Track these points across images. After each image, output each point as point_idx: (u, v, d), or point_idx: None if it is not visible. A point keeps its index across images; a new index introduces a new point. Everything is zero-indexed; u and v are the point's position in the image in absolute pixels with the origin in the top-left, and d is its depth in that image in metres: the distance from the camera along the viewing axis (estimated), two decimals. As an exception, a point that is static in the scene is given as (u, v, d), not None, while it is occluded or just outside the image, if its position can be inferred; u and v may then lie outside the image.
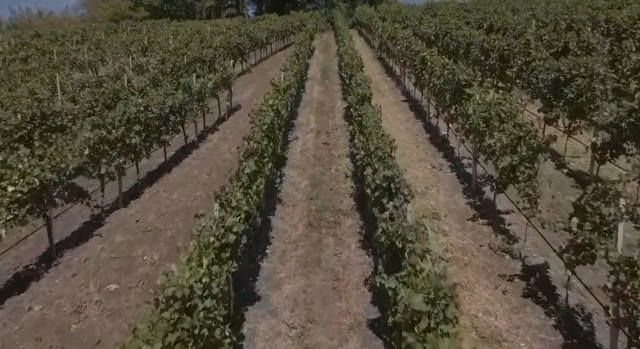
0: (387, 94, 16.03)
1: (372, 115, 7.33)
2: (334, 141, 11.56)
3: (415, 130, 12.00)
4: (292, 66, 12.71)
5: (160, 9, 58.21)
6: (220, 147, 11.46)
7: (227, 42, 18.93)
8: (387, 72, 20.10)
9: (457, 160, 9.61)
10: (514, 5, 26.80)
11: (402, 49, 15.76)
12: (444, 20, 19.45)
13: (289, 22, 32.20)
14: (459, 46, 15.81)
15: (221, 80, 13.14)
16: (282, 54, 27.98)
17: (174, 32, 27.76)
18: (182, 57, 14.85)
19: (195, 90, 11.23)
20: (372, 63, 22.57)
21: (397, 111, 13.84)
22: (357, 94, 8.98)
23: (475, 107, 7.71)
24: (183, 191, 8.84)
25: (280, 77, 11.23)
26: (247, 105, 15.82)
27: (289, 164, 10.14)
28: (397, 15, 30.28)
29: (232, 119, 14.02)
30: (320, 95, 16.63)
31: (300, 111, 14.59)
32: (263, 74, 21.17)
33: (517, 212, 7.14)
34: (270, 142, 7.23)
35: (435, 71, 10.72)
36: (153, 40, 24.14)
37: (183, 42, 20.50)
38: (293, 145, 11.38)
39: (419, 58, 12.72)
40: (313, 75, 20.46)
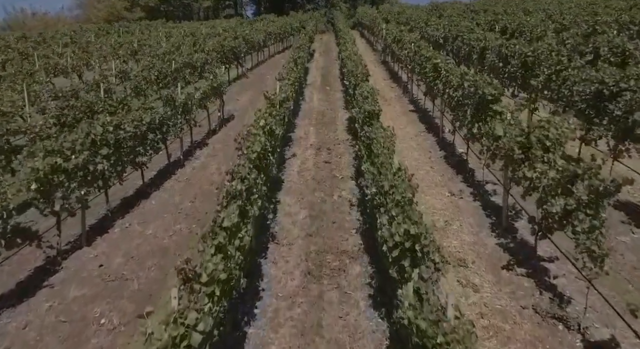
0: (394, 103, 14.74)
1: (384, 140, 6.04)
2: (336, 159, 10.26)
3: (427, 146, 10.70)
4: (289, 74, 11.42)
5: (156, 9, 56.92)
6: (208, 166, 10.17)
7: (221, 46, 17.64)
8: (392, 77, 18.82)
9: (480, 186, 8.31)
10: (524, 6, 25.50)
11: (409, 54, 14.48)
12: (453, 22, 18.16)
13: (288, 23, 30.92)
14: (472, 51, 14.53)
15: (211, 90, 11.85)
16: (280, 57, 26.71)
17: (167, 34, 26.46)
18: (169, 63, 13.55)
19: (180, 102, 9.93)
20: (376, 67, 21.28)
21: (406, 123, 12.54)
22: (363, 111, 7.69)
23: (507, 129, 6.42)
24: (161, 224, 7.54)
25: (275, 88, 9.95)
26: (241, 114, 14.56)
27: (285, 187, 8.84)
28: (401, 16, 28.98)
29: (224, 132, 12.73)
30: (321, 104, 15.34)
31: (298, 122, 13.30)
32: (260, 79, 19.89)
33: (564, 259, 5.85)
34: (261, 172, 5.93)
35: (452, 81, 9.44)
36: (144, 43, 22.85)
37: (174, 46, 19.21)
38: (290, 164, 10.08)
39: (430, 65, 11.43)
40: (313, 81, 19.17)
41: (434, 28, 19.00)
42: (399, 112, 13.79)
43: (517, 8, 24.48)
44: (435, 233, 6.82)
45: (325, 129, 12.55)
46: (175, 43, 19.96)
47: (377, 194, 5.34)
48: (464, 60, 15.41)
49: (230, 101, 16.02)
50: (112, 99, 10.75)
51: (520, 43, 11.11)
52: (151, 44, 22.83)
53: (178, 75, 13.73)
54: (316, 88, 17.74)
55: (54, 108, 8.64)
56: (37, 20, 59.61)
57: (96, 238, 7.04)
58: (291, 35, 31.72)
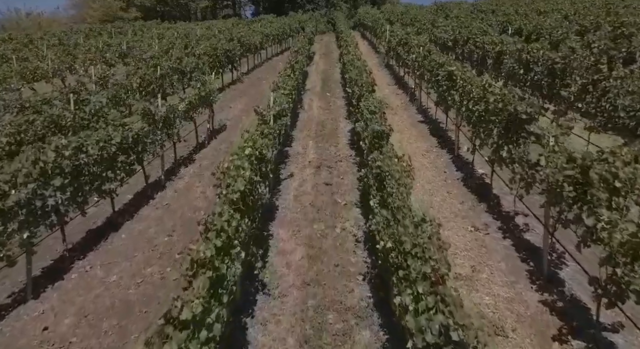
0: (400, 112, 13.50)
1: (400, 176, 4.80)
2: (338, 180, 9.02)
3: (441, 165, 9.45)
4: (285, 82, 10.18)
5: (153, 9, 55.66)
6: (192, 188, 8.92)
7: (214, 49, 16.39)
8: (397, 83, 17.57)
9: (508, 218, 7.06)
10: (534, 6, 24.25)
11: (417, 59, 13.24)
12: (463, 24, 16.90)
13: (287, 24, 29.69)
14: (487, 55, 13.29)
15: (199, 99, 10.61)
16: (279, 59, 25.47)
17: (159, 35, 25.22)
18: (153, 70, 12.31)
19: (161, 116, 8.69)
20: (379, 72, 20.04)
21: (415, 137, 11.29)
22: (371, 131, 6.44)
23: (552, 158, 5.18)
24: (128, 267, 6.29)
25: (269, 99, 8.71)
26: (234, 124, 13.31)
27: (279, 217, 7.60)
28: (405, 16, 27.72)
29: (214, 146, 11.48)
30: (321, 113, 14.09)
31: (296, 134, 12.05)
32: (256, 84, 18.66)
33: (631, 327, 4.60)
34: (245, 217, 4.69)
35: (471, 93, 8.20)
36: (134, 45, 21.62)
37: (164, 48, 17.95)
38: (286, 186, 8.84)
39: (443, 73, 10.19)
40: (312, 86, 17.92)
41: (442, 30, 17.76)
42: (406, 122, 12.54)
43: (528, 8, 23.24)
44: (460, 283, 5.59)
45: (325, 142, 11.30)
46: (165, 46, 18.70)
47: (394, 250, 4.10)
48: (476, 65, 14.18)
49: (222, 109, 14.80)
50: (85, 111, 9.52)
51: (545, 47, 9.87)
52: (141, 46, 21.60)
53: (164, 82, 12.49)
54: (316, 94, 16.49)
55: (9, 124, 7.38)
56: (31, 20, 58.45)
57: (46, 288, 5.79)
58: (290, 37, 30.50)
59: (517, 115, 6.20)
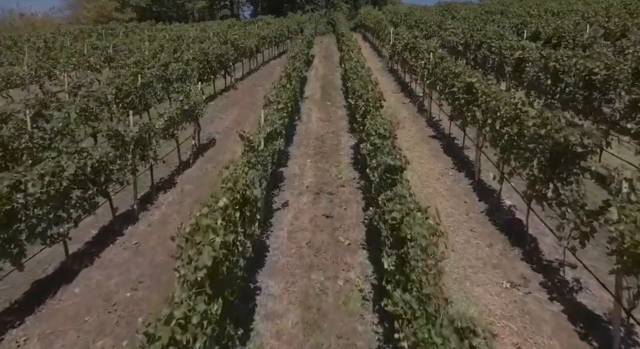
0: (408, 125, 12.18)
1: (428, 242, 3.49)
2: (340, 211, 7.70)
3: (459, 192, 8.14)
4: (280, 95, 8.87)
5: (148, 10, 54.30)
6: (169, 221, 7.61)
7: (204, 54, 15.07)
8: (402, 90, 16.24)
9: (551, 269, 5.75)
10: (546, 6, 22.93)
11: (427, 66, 11.93)
12: (474, 26, 15.58)
13: (285, 25, 28.37)
14: (504, 62, 11.98)
15: (181, 114, 9.30)
16: (276, 63, 24.13)
17: (150, 37, 23.88)
18: (132, 78, 10.98)
19: (132, 136, 7.38)
20: (383, 77, 18.73)
21: (428, 156, 9.97)
22: (383, 164, 5.13)
23: (628, 211, 3.88)
24: (75, 338, 4.98)
25: (259, 118, 7.41)
26: (224, 138, 12.01)
27: (270, 262, 6.28)
28: (409, 18, 26.40)
29: (199, 165, 10.17)
30: (321, 125, 12.77)
31: (293, 151, 10.73)
32: (251, 91, 17.35)
33: None
34: (213, 302, 3.37)
35: (498, 111, 6.89)
36: (121, 48, 20.32)
37: (151, 53, 16.62)
38: (279, 219, 7.52)
39: (460, 84, 8.88)
40: (312, 93, 16.60)
41: (451, 32, 16.44)
42: (416, 137, 11.22)
43: (539, 9, 21.94)
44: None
45: (325, 162, 9.99)
46: (153, 50, 17.36)
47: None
48: (491, 72, 12.87)
49: (212, 120, 13.50)
50: (46, 129, 8.21)
51: (579, 55, 8.57)
52: (130, 49, 20.29)
53: (145, 93, 11.17)
54: (315, 103, 15.17)
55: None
56: (25, 21, 57.10)
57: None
58: (288, 39, 29.20)
59: (569, 147, 4.90)
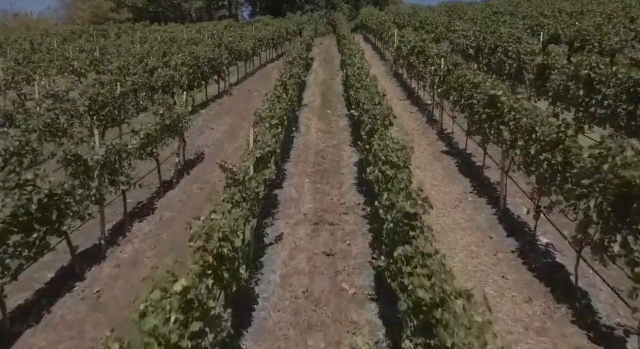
0: (418, 138, 11.02)
1: (467, 334, 2.34)
2: (344, 247, 6.54)
3: (483, 224, 6.97)
4: (273, 108, 7.72)
5: (144, 10, 53.07)
6: (141, 260, 6.46)
7: (194, 58, 13.91)
8: (409, 97, 15.07)
9: (612, 338, 4.58)
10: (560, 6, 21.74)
11: (438, 73, 10.77)
12: (487, 28, 14.41)
13: (283, 27, 27.20)
14: (523, 68, 10.82)
15: (161, 130, 8.15)
16: (274, 66, 22.95)
17: (141, 39, 22.71)
18: (109, 87, 9.81)
19: (97, 160, 6.23)
20: (387, 82, 17.58)
21: (441, 176, 8.81)
22: (397, 209, 3.98)
23: None
24: None
25: (248, 139, 6.25)
26: (214, 152, 10.87)
27: (258, 319, 5.12)
28: (413, 18, 25.22)
29: (184, 186, 9.01)
30: (321, 137, 11.61)
31: (289, 169, 9.57)
32: (246, 97, 16.19)
33: None
34: None
35: (533, 133, 5.75)
36: (108, 51, 19.17)
37: (137, 57, 15.44)
38: (271, 257, 6.36)
39: (481, 96, 7.73)
40: (311, 100, 15.44)
41: (461, 35, 15.27)
42: (426, 153, 10.06)
43: (552, 9, 20.77)
44: None
45: (326, 182, 8.83)
46: (139, 53, 16.17)
47: None
48: (508, 78, 11.72)
49: (203, 131, 12.35)
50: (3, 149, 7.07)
51: (620, 62, 7.42)
52: (119, 52, 19.14)
53: (123, 103, 10.01)
54: (314, 112, 14.01)
55: None
56: (19, 21, 55.90)
57: None
58: (287, 41, 28.03)
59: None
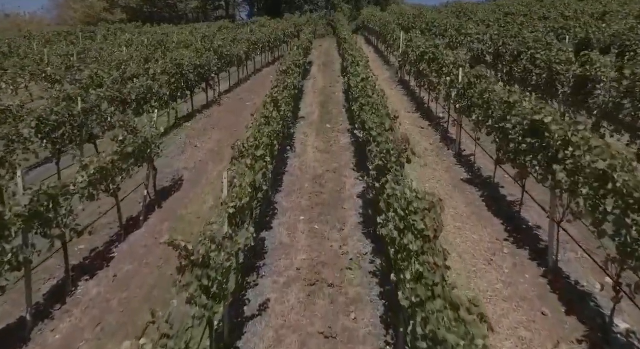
0: (431, 161, 9.44)
1: None
2: (348, 324, 4.97)
3: (529, 292, 5.36)
4: (259, 136, 6.15)
5: (139, 10, 51.46)
6: (75, 340, 4.89)
7: (177, 66, 12.34)
8: (418, 108, 13.49)
9: None
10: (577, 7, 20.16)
11: (456, 85, 9.22)
12: (508, 32, 12.82)
13: (281, 29, 25.63)
14: (556, 79, 9.26)
15: (122, 159, 6.58)
16: (269, 71, 21.32)
17: (128, 42, 21.14)
18: (65, 104, 8.23)
19: (18, 212, 4.67)
20: (392, 90, 16.01)
21: (467, 215, 7.21)
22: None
23: None
24: None
25: (222, 186, 4.70)
26: (196, 177, 9.30)
27: None
28: (419, 20, 23.62)
29: (153, 224, 7.45)
30: (319, 158, 10.03)
31: (281, 201, 7.99)
32: (237, 108, 14.62)
33: None
34: None
35: (614, 182, 4.19)
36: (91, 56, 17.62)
37: (115, 64, 13.85)
38: (251, 339, 4.79)
39: (519, 120, 6.16)
40: (309, 112, 13.86)
41: (476, 39, 13.69)
42: (445, 181, 8.49)
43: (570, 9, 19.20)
44: None
45: (325, 221, 7.26)
46: (118, 59, 14.57)
47: None
48: (535, 90, 10.15)
49: (184, 151, 10.79)
50: None
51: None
52: (100, 57, 17.57)
53: (88, 122, 8.45)
54: (313, 126, 12.44)
55: None
56: (11, 22, 54.28)
57: None
58: (284, 43, 26.47)
59: None
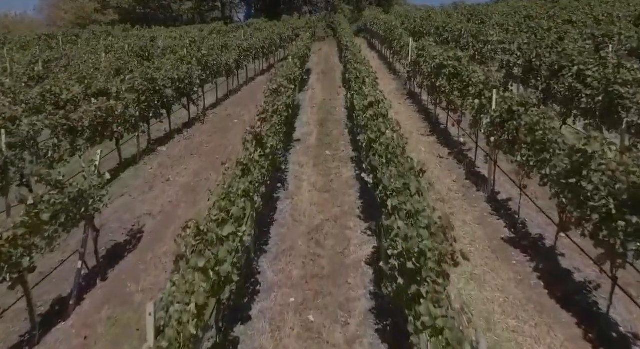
0: (458, 206, 7.42)
1: None
2: None
3: None
4: (235, 198, 4.18)
5: (132, 11, 49.45)
6: None
7: (149, 81, 10.35)
8: (433, 130, 11.47)
9: None
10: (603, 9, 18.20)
11: (491, 113, 7.24)
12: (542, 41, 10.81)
13: (277, 33, 23.63)
14: (620, 106, 7.28)
15: (38, 226, 4.60)
16: (263, 80, 19.26)
17: (107, 48, 19.14)
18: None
19: None
20: (401, 104, 14.04)
21: (519, 300, 5.19)
22: None
23: None
24: None
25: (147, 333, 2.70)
26: (158, 229, 7.26)
27: None
28: (426, 23, 21.59)
29: (88, 310, 5.44)
30: (316, 200, 7.98)
31: (265, 271, 5.96)
32: (223, 127, 12.63)
33: None
34: None
35: None
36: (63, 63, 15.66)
37: (75, 78, 11.86)
38: None
39: (608, 180, 4.19)
40: (305, 133, 11.84)
41: (499, 48, 11.66)
42: (479, 241, 6.47)
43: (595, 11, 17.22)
44: None
45: (323, 306, 5.26)
46: (78, 73, 12.55)
47: None
48: (586, 117, 8.17)
49: (153, 186, 8.80)
50: None
51: None
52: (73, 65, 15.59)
53: (16, 159, 6.47)
54: (309, 152, 10.43)
55: None
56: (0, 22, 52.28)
57: None
58: (281, 48, 24.50)
59: None
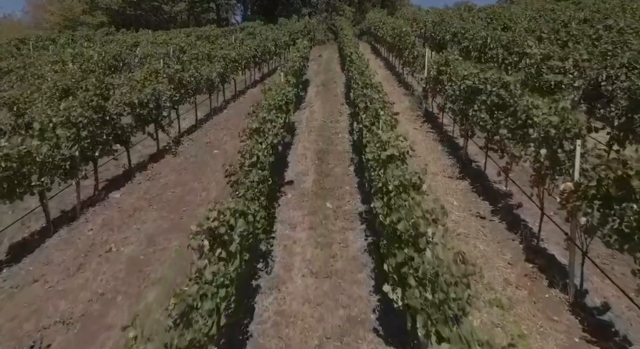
0: (525, 311, 5.08)
1: None
2: None
3: None
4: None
5: (122, 13, 47.12)
6: None
7: (100, 108, 7.99)
8: (463, 170, 9.11)
9: None
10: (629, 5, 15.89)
11: (571, 174, 4.90)
12: (614, 58, 8.41)
13: (271, 39, 21.25)
14: None
15: None
16: (254, 93, 16.86)
17: (75, 57, 16.75)
18: None
19: None
20: (418, 130, 11.70)
21: None
22: None
23: None
24: None
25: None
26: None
27: None
28: (439, 28, 19.22)
29: None
30: (312, 297, 5.56)
31: None
32: (200, 159, 10.24)
33: None
34: None
35: None
36: (10, 79, 13.34)
37: (9, 101, 9.48)
38: None
39: None
40: (299, 172, 9.42)
41: (549, 67, 9.28)
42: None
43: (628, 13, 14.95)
44: None
45: None
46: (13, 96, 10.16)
47: None
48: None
49: (83, 263, 6.41)
50: None
51: None
52: (28, 78, 13.25)
53: None
54: (304, 203, 7.98)
55: None
56: (-15, 25, 49.99)
57: None
58: (276, 55, 22.15)
59: None
